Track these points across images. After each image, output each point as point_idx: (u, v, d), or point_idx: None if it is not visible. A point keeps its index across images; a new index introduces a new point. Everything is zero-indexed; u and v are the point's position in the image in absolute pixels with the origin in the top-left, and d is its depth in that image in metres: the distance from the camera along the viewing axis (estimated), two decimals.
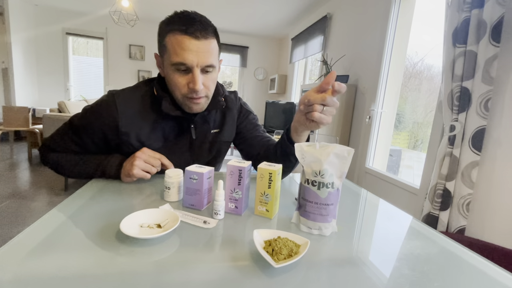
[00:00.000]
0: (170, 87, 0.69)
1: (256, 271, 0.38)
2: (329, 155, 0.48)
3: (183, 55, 0.62)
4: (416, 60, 2.16)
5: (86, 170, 0.73)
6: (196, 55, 0.63)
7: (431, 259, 0.45)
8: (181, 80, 0.66)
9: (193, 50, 0.62)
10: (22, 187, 2.41)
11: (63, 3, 4.08)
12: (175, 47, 0.63)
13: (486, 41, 1.19)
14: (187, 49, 0.62)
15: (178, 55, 0.63)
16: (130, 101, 0.72)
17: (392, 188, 1.94)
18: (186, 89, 0.67)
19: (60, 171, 0.76)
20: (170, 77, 0.67)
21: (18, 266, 0.35)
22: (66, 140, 0.75)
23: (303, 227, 0.52)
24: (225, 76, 5.45)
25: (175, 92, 0.69)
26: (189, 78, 0.66)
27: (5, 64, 4.20)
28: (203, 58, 0.64)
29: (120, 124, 0.70)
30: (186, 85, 0.66)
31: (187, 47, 0.62)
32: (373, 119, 2.20)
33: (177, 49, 0.62)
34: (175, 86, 0.67)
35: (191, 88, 0.65)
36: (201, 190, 0.56)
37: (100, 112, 0.70)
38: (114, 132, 0.71)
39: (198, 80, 0.65)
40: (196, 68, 0.64)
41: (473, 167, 1.27)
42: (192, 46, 0.62)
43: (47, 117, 2.95)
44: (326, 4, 3.19)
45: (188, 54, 0.62)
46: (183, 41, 0.62)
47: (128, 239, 0.43)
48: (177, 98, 0.70)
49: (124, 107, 0.70)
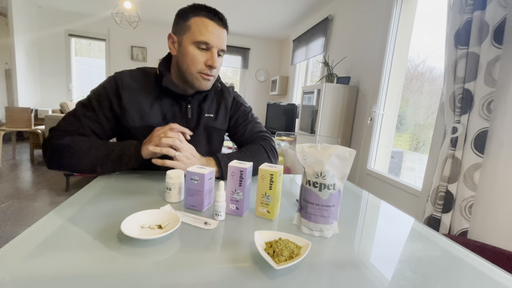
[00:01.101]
0: (186, 63, 0.76)
1: (257, 272, 0.38)
2: (331, 156, 0.48)
3: (208, 35, 0.72)
4: (418, 61, 2.16)
5: (102, 151, 0.70)
6: (217, 39, 0.74)
7: (433, 261, 0.45)
8: (199, 57, 0.74)
9: (216, 34, 0.74)
10: (24, 187, 2.42)
11: (66, 5, 4.10)
12: (201, 28, 0.72)
13: (488, 43, 1.19)
14: (212, 31, 0.73)
15: (203, 34, 0.72)
16: (134, 78, 0.79)
17: (394, 190, 1.93)
18: (202, 66, 0.75)
19: (69, 160, 0.69)
20: (189, 53, 0.74)
21: (19, 266, 0.35)
22: (79, 116, 0.74)
23: (304, 229, 0.51)
24: (227, 77, 5.46)
25: (190, 67, 0.75)
26: (207, 55, 0.75)
27: (8, 65, 4.23)
28: (221, 43, 0.75)
29: (123, 95, 0.76)
30: (203, 62, 0.75)
31: (212, 30, 0.73)
32: (375, 120, 2.20)
33: (203, 30, 0.72)
34: (192, 61, 0.75)
35: (209, 65, 0.75)
36: (202, 191, 0.56)
37: (107, 84, 0.77)
38: (118, 102, 0.76)
39: (216, 58, 0.75)
40: (215, 49, 0.75)
41: (475, 169, 1.27)
42: (216, 30, 0.74)
43: (49, 118, 2.96)
44: (328, 6, 3.20)
45: (212, 36, 0.73)
46: (210, 24, 0.73)
47: (129, 240, 0.43)
48: (190, 73, 0.76)
49: (127, 82, 0.77)
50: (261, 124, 0.98)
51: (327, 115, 2.39)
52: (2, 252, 0.38)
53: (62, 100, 4.57)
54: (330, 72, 2.48)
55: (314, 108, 2.49)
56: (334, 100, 2.38)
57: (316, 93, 2.46)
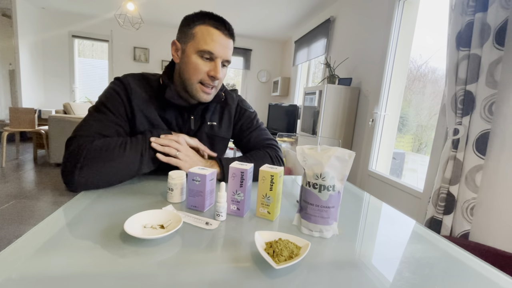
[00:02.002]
0: (188, 72, 0.73)
1: (257, 272, 0.38)
2: (330, 158, 0.49)
3: (212, 45, 0.70)
4: (420, 62, 2.15)
5: (136, 149, 0.67)
6: (222, 49, 0.71)
7: (432, 263, 0.45)
8: (202, 66, 0.72)
9: (221, 44, 0.71)
10: (28, 187, 2.44)
11: (70, 6, 4.14)
12: (206, 37, 0.70)
13: (490, 44, 1.19)
14: (217, 41, 0.70)
15: (208, 44, 0.70)
16: (139, 85, 0.76)
17: (395, 192, 1.92)
18: (204, 75, 0.73)
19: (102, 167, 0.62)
20: (192, 62, 0.72)
21: (24, 265, 0.36)
22: (103, 121, 0.70)
23: (304, 229, 0.52)
24: (229, 78, 5.47)
25: (192, 77, 0.73)
26: (211, 66, 0.72)
27: (12, 66, 4.27)
28: (226, 53, 0.73)
29: (133, 100, 0.74)
30: (205, 72, 0.72)
31: (217, 40, 0.70)
32: (376, 122, 2.20)
33: (208, 39, 0.70)
34: (194, 70, 0.72)
35: (212, 75, 0.72)
36: (203, 191, 0.57)
37: (116, 87, 0.74)
38: (129, 104, 0.74)
39: (220, 69, 0.72)
40: (219, 59, 0.72)
41: (477, 171, 1.26)
42: (221, 40, 0.71)
43: (53, 118, 2.99)
44: (330, 7, 3.20)
45: (217, 46, 0.70)
46: (215, 34, 0.70)
47: (132, 239, 0.44)
48: (191, 83, 0.74)
49: (134, 87, 0.75)
50: (267, 130, 0.94)
51: (329, 116, 2.39)
52: (8, 250, 0.39)
53: (65, 101, 4.60)
54: (331, 73, 2.49)
55: (315, 109, 2.50)
56: (335, 101, 2.38)
57: (317, 94, 2.46)
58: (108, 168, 0.63)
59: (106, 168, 0.63)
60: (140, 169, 0.68)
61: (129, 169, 0.67)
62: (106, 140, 0.66)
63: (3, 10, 4.31)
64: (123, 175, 0.67)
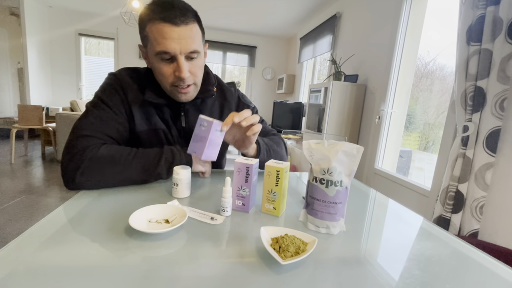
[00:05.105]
0: (157, 78, 0.69)
1: (263, 267, 0.38)
2: (338, 152, 0.48)
3: (165, 43, 0.61)
4: (428, 59, 2.11)
5: (147, 160, 0.64)
6: (178, 43, 0.61)
7: (442, 260, 0.44)
8: (166, 69, 0.65)
9: (174, 38, 0.61)
10: (36, 183, 2.48)
11: (76, 5, 4.17)
12: (156, 36, 0.61)
13: (502, 39, 1.16)
14: (168, 37, 0.61)
15: (160, 44, 0.61)
16: (132, 76, 0.73)
17: (402, 190, 1.90)
18: (173, 78, 0.66)
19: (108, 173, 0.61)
20: (156, 67, 0.66)
21: (30, 258, 0.36)
22: (104, 119, 0.67)
23: (310, 226, 0.51)
24: (233, 76, 5.46)
25: (162, 82, 0.69)
26: (174, 66, 0.65)
27: (20, 65, 4.33)
28: (185, 45, 0.62)
29: (127, 93, 0.71)
30: (172, 74, 0.66)
31: (168, 35, 0.60)
32: (383, 119, 2.17)
33: (158, 38, 0.61)
34: (161, 75, 0.66)
35: (177, 76, 0.65)
36: (206, 138, 0.57)
37: (111, 81, 0.72)
38: (126, 99, 0.71)
39: (184, 67, 0.64)
40: (180, 56, 0.63)
41: (487, 169, 1.23)
42: (173, 33, 0.61)
43: (60, 116, 3.03)
44: (336, 3, 3.16)
45: (170, 42, 0.61)
46: (163, 29, 0.60)
47: (137, 233, 0.43)
48: (165, 88, 0.70)
49: (129, 80, 0.72)
50: (268, 125, 0.94)
51: (334, 113, 2.37)
52: (14, 243, 0.39)
53: (72, 98, 4.65)
54: (337, 70, 2.46)
55: (321, 107, 2.47)
56: (341, 98, 2.35)
57: (323, 91, 2.44)
58: (112, 177, 0.63)
59: (110, 176, 0.62)
60: (146, 182, 0.68)
61: (134, 182, 0.66)
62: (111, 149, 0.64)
63: (11, 9, 4.37)
64: (126, 184, 0.66)
